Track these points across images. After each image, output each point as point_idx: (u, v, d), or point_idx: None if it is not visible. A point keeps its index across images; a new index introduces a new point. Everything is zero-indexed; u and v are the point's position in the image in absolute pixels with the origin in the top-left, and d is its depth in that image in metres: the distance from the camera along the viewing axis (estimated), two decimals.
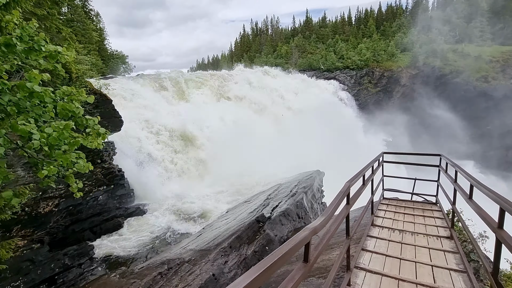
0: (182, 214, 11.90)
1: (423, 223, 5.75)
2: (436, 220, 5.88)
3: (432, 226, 5.61)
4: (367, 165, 4.66)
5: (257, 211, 7.89)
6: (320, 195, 11.73)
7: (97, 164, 12.97)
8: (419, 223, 5.75)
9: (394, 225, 5.66)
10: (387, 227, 5.51)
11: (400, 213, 6.28)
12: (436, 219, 5.93)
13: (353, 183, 3.40)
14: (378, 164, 5.98)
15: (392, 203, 6.93)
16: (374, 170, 5.22)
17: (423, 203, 6.99)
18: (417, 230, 5.40)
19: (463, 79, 44.96)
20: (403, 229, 5.43)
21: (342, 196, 2.90)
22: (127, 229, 10.94)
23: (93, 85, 12.00)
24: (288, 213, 8.04)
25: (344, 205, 3.24)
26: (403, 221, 5.82)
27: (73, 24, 44.30)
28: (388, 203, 6.97)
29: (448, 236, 5.08)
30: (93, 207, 12.61)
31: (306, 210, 9.24)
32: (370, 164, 4.91)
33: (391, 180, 6.78)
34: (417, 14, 65.96)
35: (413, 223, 5.78)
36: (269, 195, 9.82)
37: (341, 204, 2.84)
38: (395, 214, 6.24)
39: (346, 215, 3.22)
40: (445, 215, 6.03)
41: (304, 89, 37.29)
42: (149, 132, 17.27)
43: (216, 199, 13.41)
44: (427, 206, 6.79)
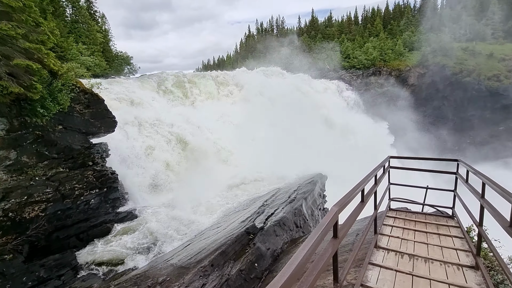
0: (175, 220, 11.24)
1: (439, 245, 4.79)
2: (455, 241, 4.90)
3: (451, 250, 4.64)
4: (368, 175, 3.80)
5: (249, 220, 7.17)
6: (321, 200, 10.96)
7: (88, 166, 12.43)
8: (433, 245, 4.80)
9: (402, 246, 4.73)
10: (394, 250, 4.59)
11: (410, 230, 5.37)
12: (454, 239, 4.96)
13: (344, 206, 2.54)
14: (383, 171, 5.22)
15: (400, 216, 6.07)
16: (377, 180, 4.40)
17: (437, 216, 6.05)
18: (431, 255, 4.44)
19: (474, 78, 43.53)
20: (414, 254, 4.47)
21: (326, 228, 2.04)
22: (115, 236, 10.35)
23: (83, 84, 11.47)
24: (284, 222, 7.30)
25: (330, 238, 2.35)
26: (414, 241, 4.89)
27: (77, 26, 44.38)
28: (395, 215, 6.11)
29: (473, 266, 4.12)
30: (84, 211, 12.07)
31: (305, 218, 8.50)
32: (372, 173, 4.06)
33: (399, 189, 5.93)
34: (426, 12, 64.49)
35: (426, 244, 4.82)
36: (266, 201, 9.08)
37: (326, 235, 2.04)
38: (404, 231, 5.34)
39: (333, 254, 2.29)
40: (465, 234, 5.04)
41: (307, 88, 36.41)
42: (144, 132, 16.73)
43: (214, 204, 12.73)
44: (441, 220, 5.85)
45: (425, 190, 6.21)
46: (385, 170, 5.27)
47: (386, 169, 5.35)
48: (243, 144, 19.25)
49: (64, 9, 43.99)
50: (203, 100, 25.38)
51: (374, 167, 4.36)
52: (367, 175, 3.78)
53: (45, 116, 8.57)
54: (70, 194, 11.56)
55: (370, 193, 3.81)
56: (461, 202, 5.25)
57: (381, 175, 4.94)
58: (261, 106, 26.42)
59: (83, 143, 11.70)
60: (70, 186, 11.62)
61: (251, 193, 12.83)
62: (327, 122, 29.38)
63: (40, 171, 10.45)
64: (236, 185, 15.20)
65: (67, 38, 38.45)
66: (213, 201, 13.00)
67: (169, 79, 25.68)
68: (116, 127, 13.97)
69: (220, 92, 27.51)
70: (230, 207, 11.51)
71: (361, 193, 3.36)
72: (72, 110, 11.34)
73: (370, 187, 3.98)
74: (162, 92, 24.42)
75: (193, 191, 15.36)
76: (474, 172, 4.42)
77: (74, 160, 11.64)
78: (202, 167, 17.14)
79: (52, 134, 9.97)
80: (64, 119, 10.76)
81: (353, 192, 2.98)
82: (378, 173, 4.45)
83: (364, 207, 3.24)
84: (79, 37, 42.71)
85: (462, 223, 5.53)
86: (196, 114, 22.45)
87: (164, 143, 17.64)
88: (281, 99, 28.52)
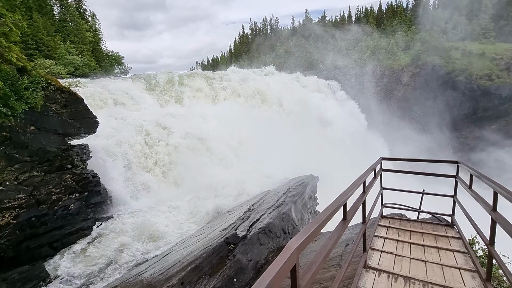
0: (158, 225, 10.60)
1: (439, 263, 4.10)
2: (457, 256, 4.22)
3: (453, 269, 3.94)
4: (354, 185, 3.12)
5: (232, 227, 6.62)
6: (312, 203, 10.46)
7: (66, 169, 11.75)
8: (432, 262, 4.11)
9: (396, 265, 4.03)
10: (386, 272, 3.89)
11: (405, 243, 4.69)
12: (455, 254, 4.30)
13: (306, 244, 1.70)
14: (374, 175, 4.64)
15: (394, 225, 5.44)
16: (366, 187, 3.77)
17: (434, 225, 5.43)
18: (431, 278, 3.73)
19: (466, 77, 43.62)
20: (410, 277, 3.76)
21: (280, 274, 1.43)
22: (93, 244, 9.68)
23: (59, 82, 10.79)
24: (270, 229, 6.77)
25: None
26: (410, 258, 4.20)
27: (66, 24, 43.30)
28: (388, 224, 5.48)
29: None
30: (62, 217, 11.38)
31: (294, 223, 7.98)
32: (358, 181, 3.42)
33: (392, 193, 5.41)
34: (418, 12, 64.82)
35: (424, 261, 4.15)
36: (253, 205, 8.53)
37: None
38: (398, 244, 4.67)
39: None
40: (468, 248, 4.36)
41: (298, 88, 35.99)
42: (134, 134, 16.05)
43: (199, 207, 12.13)
44: (440, 230, 5.23)
45: (421, 195, 5.70)
46: (377, 173, 4.72)
47: (377, 172, 4.82)
48: (232, 145, 18.67)
49: (52, 7, 42.86)
50: (191, 99, 24.72)
51: (363, 172, 3.80)
52: (353, 184, 3.16)
53: (9, 115, 7.90)
54: (46, 200, 10.87)
55: (356, 206, 3.14)
56: (461, 209, 4.64)
57: (372, 180, 4.39)
58: (251, 106, 25.91)
59: (60, 145, 11.01)
60: (46, 191, 10.93)
61: (240, 196, 12.28)
62: (319, 122, 28.98)
63: (10, 175, 9.75)
64: (225, 187, 14.61)
65: (54, 37, 37.48)
66: (201, 204, 12.40)
67: (159, 78, 24.99)
68: (97, 127, 13.31)
69: (208, 91, 26.85)
70: (219, 211, 10.94)
71: (343, 209, 2.66)
72: (47, 109, 10.65)
73: (358, 197, 3.43)
74: (151, 91, 23.72)
75: (180, 194, 14.77)
76: (478, 176, 3.80)
77: (50, 163, 10.94)
78: (190, 169, 16.52)
79: (23, 136, 9.28)
80: (38, 119, 10.07)
81: (333, 207, 2.30)
82: (367, 178, 3.87)
83: (348, 224, 2.65)
84: (67, 36, 41.65)
85: (463, 233, 4.90)
86: (186, 114, 21.80)
87: (152, 143, 17.00)
88: (272, 99, 28.06)
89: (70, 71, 34.54)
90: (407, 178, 6.68)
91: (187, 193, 14.51)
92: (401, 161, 5.81)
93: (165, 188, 14.92)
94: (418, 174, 5.41)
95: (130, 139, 15.09)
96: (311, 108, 30.86)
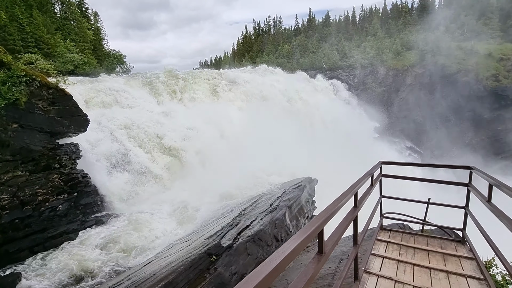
0: (148, 229, 10.10)
1: None
2: (471, 284, 3.52)
3: None
4: (339, 199, 2.43)
5: (218, 235, 6.07)
6: (310, 207, 9.90)
7: (54, 169, 11.30)
8: None
9: None
10: None
11: (408, 264, 3.98)
12: (469, 281, 3.57)
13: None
14: (371, 183, 4.03)
15: (395, 239, 4.73)
16: (358, 201, 3.08)
17: (442, 240, 4.69)
18: None
19: (472, 78, 42.71)
20: None
21: None
22: (78, 247, 9.19)
23: (46, 78, 10.33)
24: (260, 237, 6.22)
25: None
26: (413, 286, 3.49)
27: (66, 22, 43.08)
28: (388, 239, 4.78)
29: None
30: (49, 219, 10.93)
31: (288, 230, 7.43)
32: (349, 192, 2.74)
33: (394, 201, 4.78)
34: (424, 11, 63.89)
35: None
36: (244, 210, 7.98)
37: None
38: (399, 265, 3.94)
39: None
40: (485, 273, 3.59)
41: (302, 88, 35.36)
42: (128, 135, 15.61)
43: (193, 211, 11.61)
44: (449, 247, 4.49)
45: (426, 205, 4.94)
46: (374, 181, 4.07)
47: (376, 178, 4.22)
48: (232, 147, 18.12)
49: (53, 5, 42.69)
50: (190, 99, 24.25)
51: (357, 179, 3.20)
52: (339, 198, 2.45)
53: None
54: (31, 200, 10.43)
55: (338, 234, 2.32)
56: (475, 223, 3.87)
57: (368, 188, 3.80)
58: (251, 106, 25.37)
59: (46, 144, 10.55)
60: (32, 192, 10.49)
61: (235, 199, 11.75)
62: (321, 123, 28.34)
63: None
64: (222, 191, 14.06)
65: (54, 34, 37.23)
66: (193, 208, 11.89)
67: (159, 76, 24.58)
68: (88, 126, 12.87)
69: (208, 92, 26.37)
70: (209, 215, 10.42)
71: (318, 240, 1.92)
72: (33, 106, 10.21)
73: (347, 213, 2.82)
74: (150, 90, 23.32)
75: (175, 197, 14.27)
76: (497, 185, 3.12)
77: (35, 162, 10.50)
78: (187, 171, 16.03)
79: (3, 134, 8.84)
80: (21, 117, 9.63)
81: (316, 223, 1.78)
82: (360, 189, 3.15)
83: (326, 260, 2.02)
84: (68, 34, 41.41)
85: (477, 252, 4.11)
86: (184, 114, 21.35)
87: (146, 144, 16.54)
88: (273, 98, 27.49)
89: (69, 69, 34.32)
90: (411, 185, 5.96)
91: (183, 196, 14.00)
92: (403, 165, 5.25)
93: (161, 190, 14.43)
94: (423, 181, 4.77)
95: (122, 138, 14.62)
96: (312, 109, 30.23)
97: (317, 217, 1.90)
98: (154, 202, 12.85)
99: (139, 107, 19.87)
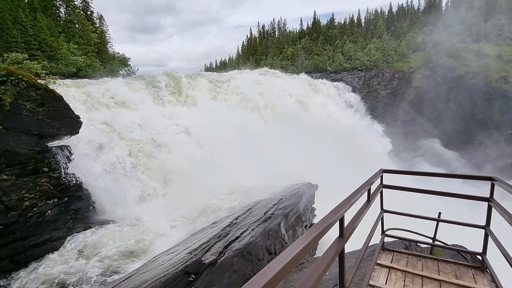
0: (138, 238, 9.59)
1: None
2: None
3: None
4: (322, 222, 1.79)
5: (203, 248, 5.47)
6: (309, 215, 9.28)
7: (42, 173, 10.88)
8: None
9: None
10: None
11: None
12: None
13: None
14: (368, 198, 3.30)
15: (399, 264, 3.95)
16: (345, 230, 2.16)
17: (457, 265, 3.88)
18: None
19: (481, 80, 41.68)
20: None
21: None
22: (62, 257, 8.71)
23: (33, 77, 9.95)
24: (250, 251, 5.63)
25: None
26: None
27: (71, 26, 43.26)
28: (390, 262, 4.00)
29: None
30: (36, 225, 10.50)
31: (283, 241, 6.84)
32: (334, 213, 2.02)
33: (396, 219, 4.09)
34: (430, 13, 62.93)
35: None
36: (236, 218, 7.39)
37: None
38: None
39: None
40: None
41: (305, 91, 34.73)
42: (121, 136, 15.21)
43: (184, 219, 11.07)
44: (465, 275, 3.69)
45: (436, 222, 4.15)
46: (373, 194, 3.40)
47: (376, 190, 3.57)
48: (230, 151, 17.55)
49: (57, 8, 42.94)
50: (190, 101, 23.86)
51: (342, 200, 2.40)
52: (319, 224, 1.76)
53: None
54: (16, 206, 10.01)
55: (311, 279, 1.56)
56: (498, 247, 3.15)
57: (365, 205, 3.16)
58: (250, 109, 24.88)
59: (33, 146, 10.14)
60: (18, 196, 10.07)
61: (230, 205, 11.20)
62: (324, 127, 27.60)
63: None
64: (219, 196, 13.53)
65: (58, 37, 37.34)
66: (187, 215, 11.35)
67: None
68: (80, 128, 12.46)
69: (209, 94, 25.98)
70: (201, 223, 9.89)
71: None
72: (20, 107, 9.83)
73: (331, 243, 2.04)
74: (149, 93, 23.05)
75: (171, 203, 13.76)
76: None
77: (22, 166, 10.09)
78: (184, 175, 15.52)
79: None
80: (6, 118, 9.24)
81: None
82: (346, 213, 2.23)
83: None
84: (72, 37, 41.53)
85: (501, 283, 3.31)
86: (183, 117, 20.94)
87: (146, 148, 16.13)
88: (275, 102, 26.96)
89: (72, 71, 34.33)
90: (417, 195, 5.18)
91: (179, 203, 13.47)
92: (408, 175, 4.30)
93: (156, 197, 13.94)
94: (433, 194, 4.06)
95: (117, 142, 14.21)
96: (315, 111, 29.58)
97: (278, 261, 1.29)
98: (148, 209, 12.35)
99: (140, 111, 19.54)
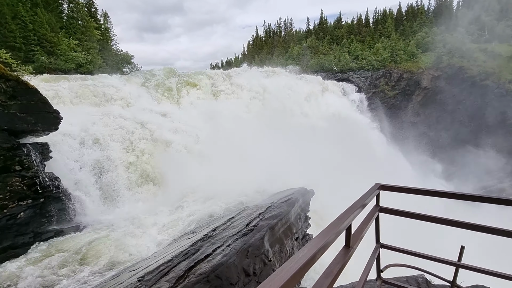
0: (113, 247, 8.66)
1: None
2: None
3: None
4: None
5: (160, 271, 4.45)
6: (301, 225, 8.23)
7: (14, 172, 10.04)
8: None
9: None
10: None
11: None
12: None
13: None
14: (347, 244, 2.19)
15: None
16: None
17: None
18: None
19: (494, 81, 39.95)
20: None
21: None
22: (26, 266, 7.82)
23: (3, 67, 9.11)
24: (220, 274, 4.56)
25: None
26: None
27: (73, 22, 42.89)
28: None
29: None
30: (6, 228, 9.66)
31: (266, 258, 5.82)
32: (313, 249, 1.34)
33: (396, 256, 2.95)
34: (441, 12, 61.13)
35: None
36: (214, 229, 6.35)
37: None
38: None
39: None
40: None
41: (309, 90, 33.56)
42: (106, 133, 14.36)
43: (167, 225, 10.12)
44: None
45: (455, 269, 2.85)
46: (370, 216, 2.28)
47: (370, 216, 2.44)
48: (224, 152, 16.59)
49: (60, 4, 42.62)
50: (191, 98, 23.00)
51: (326, 227, 1.57)
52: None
53: None
54: None
55: None
56: None
57: (343, 251, 2.11)
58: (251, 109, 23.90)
59: (1, 143, 9.29)
60: None
61: (219, 210, 10.23)
62: (326, 129, 26.44)
63: None
64: (209, 199, 12.56)
65: (59, 33, 36.93)
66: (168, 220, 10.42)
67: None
68: (59, 124, 11.62)
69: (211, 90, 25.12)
70: (185, 229, 8.94)
71: None
72: None
73: None
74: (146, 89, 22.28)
75: (156, 205, 12.85)
76: None
77: None
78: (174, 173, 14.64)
79: None
80: None
81: None
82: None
83: None
84: (74, 33, 41.11)
85: None
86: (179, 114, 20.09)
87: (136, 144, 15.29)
88: (276, 101, 25.93)
89: (71, 67, 33.81)
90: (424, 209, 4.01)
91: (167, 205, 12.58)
92: (413, 194, 2.86)
93: (141, 199, 13.05)
94: (455, 226, 2.81)
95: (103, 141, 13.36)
96: (319, 112, 28.43)
97: None
98: (131, 212, 11.46)
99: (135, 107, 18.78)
